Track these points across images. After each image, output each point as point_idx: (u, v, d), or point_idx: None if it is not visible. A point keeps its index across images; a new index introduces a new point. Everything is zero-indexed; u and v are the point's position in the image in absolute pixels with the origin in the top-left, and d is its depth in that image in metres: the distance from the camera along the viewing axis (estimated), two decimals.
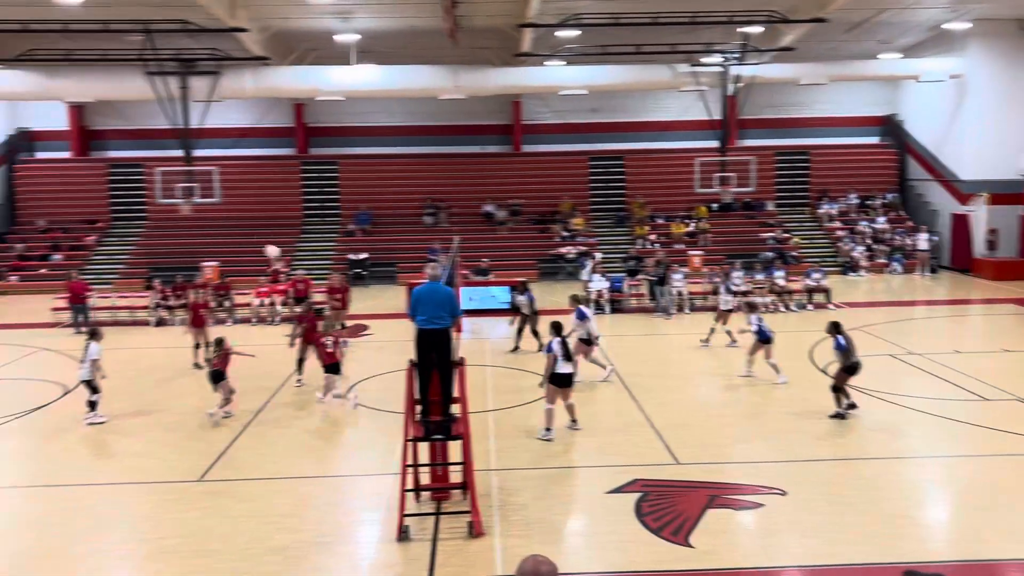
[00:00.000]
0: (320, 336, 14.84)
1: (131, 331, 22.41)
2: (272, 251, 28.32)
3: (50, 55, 25.85)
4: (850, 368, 12.91)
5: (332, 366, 14.29)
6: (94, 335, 13.95)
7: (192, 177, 26.55)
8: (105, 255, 31.71)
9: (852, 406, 13.09)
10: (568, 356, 12.15)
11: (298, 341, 15.84)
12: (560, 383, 12.13)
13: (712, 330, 18.61)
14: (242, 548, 8.80)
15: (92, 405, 13.67)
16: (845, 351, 12.92)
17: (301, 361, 15.88)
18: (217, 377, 13.87)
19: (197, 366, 17.22)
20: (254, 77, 26.93)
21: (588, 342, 15.29)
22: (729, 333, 18.47)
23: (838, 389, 13.10)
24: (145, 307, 23.69)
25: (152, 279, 25.89)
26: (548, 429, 12.27)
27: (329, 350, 14.37)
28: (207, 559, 8.57)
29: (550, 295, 26.62)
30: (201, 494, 10.41)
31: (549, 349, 12.16)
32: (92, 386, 13.59)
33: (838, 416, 12.97)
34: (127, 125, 34.06)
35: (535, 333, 18.32)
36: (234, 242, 31.69)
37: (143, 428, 13.32)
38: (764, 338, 15.48)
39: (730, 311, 18.92)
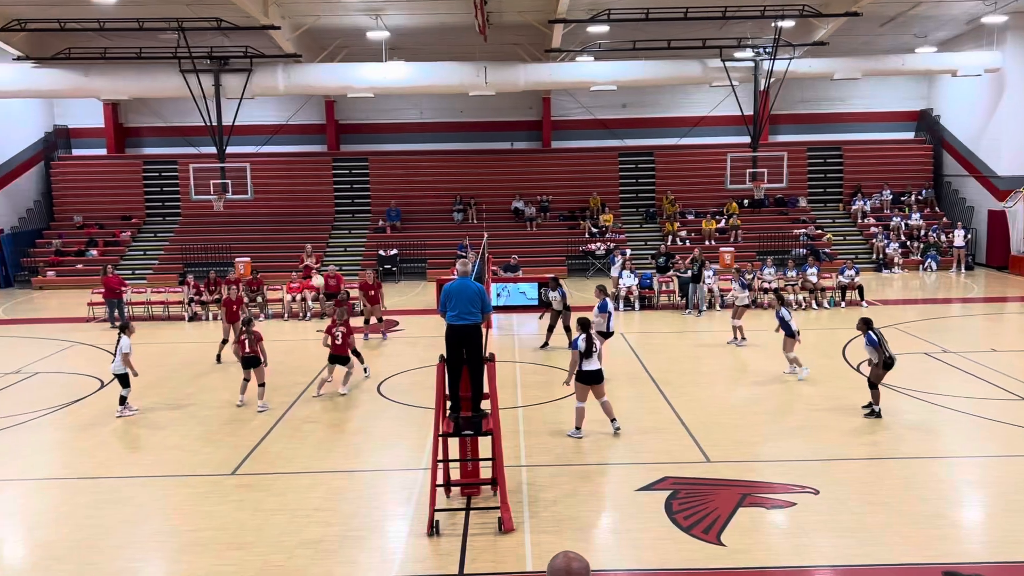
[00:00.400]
0: (332, 327, 15.00)
1: (165, 326, 22.71)
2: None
3: (86, 53, 26.25)
4: (886, 363, 12.74)
5: (339, 358, 14.71)
6: (125, 329, 14.16)
7: (225, 174, 26.82)
8: (139, 251, 32.16)
9: (876, 413, 12.89)
10: (589, 353, 11.92)
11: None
12: (587, 380, 11.99)
13: (739, 328, 18.47)
14: (274, 541, 8.89)
15: (122, 400, 13.91)
16: (877, 347, 12.77)
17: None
18: (251, 363, 14.12)
19: (219, 359, 17.62)
20: (286, 74, 27.14)
21: (604, 335, 15.25)
22: (740, 330, 18.47)
23: (874, 386, 12.94)
24: (179, 302, 23.98)
25: (185, 274, 26.21)
26: (578, 428, 12.20)
27: (338, 342, 14.67)
28: (240, 551, 8.66)
29: (580, 291, 26.61)
30: (234, 487, 10.52)
31: (574, 346, 12.05)
32: (123, 380, 13.79)
33: (872, 413, 12.83)
34: (161, 122, 34.51)
35: (567, 329, 18.30)
36: (266, 238, 31.99)
37: (177, 422, 13.49)
38: (788, 332, 15.38)
39: (746, 306, 18.87)
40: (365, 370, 16.09)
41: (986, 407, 13.26)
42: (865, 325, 13.01)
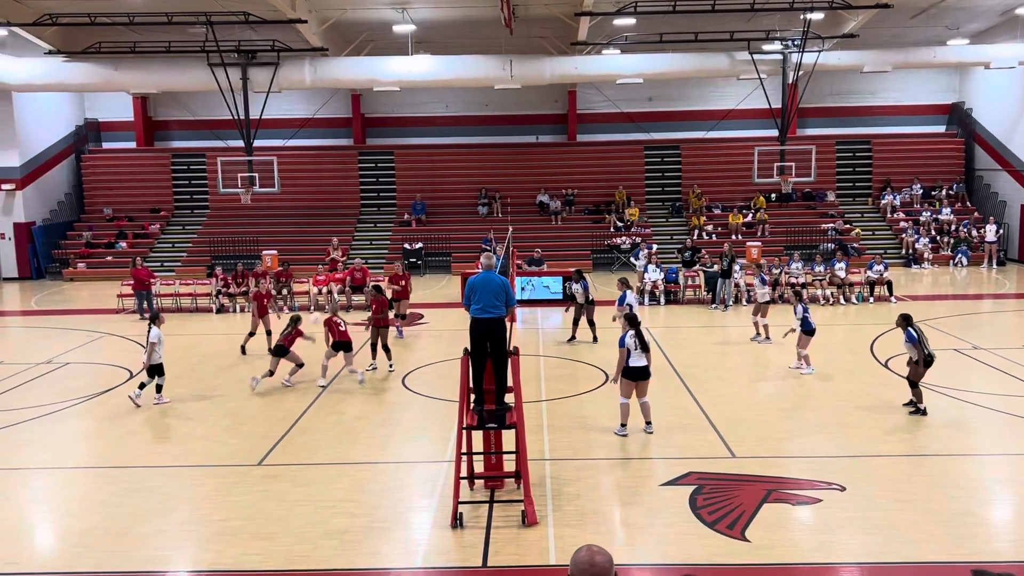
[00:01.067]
0: (334, 318, 15.40)
1: (193, 318, 22.95)
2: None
3: (116, 47, 26.56)
4: (926, 361, 12.57)
5: (343, 344, 15.13)
6: (155, 320, 14.36)
7: (252, 167, 27.03)
8: (168, 243, 32.52)
9: (921, 411, 12.71)
10: (645, 347, 11.66)
11: (369, 326, 16.55)
12: (633, 376, 11.78)
13: (764, 326, 18.29)
14: (299, 531, 8.96)
15: (159, 388, 14.19)
16: (917, 344, 12.60)
17: (374, 345, 16.37)
18: (280, 352, 14.82)
19: (243, 351, 17.82)
20: (312, 68, 27.27)
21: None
22: (766, 328, 18.19)
23: (914, 384, 12.78)
24: (207, 294, 24.22)
25: (213, 267, 26.45)
26: (623, 425, 11.96)
27: (342, 329, 15.17)
28: (265, 541, 8.74)
29: (604, 285, 26.55)
30: (260, 477, 10.62)
31: (622, 343, 11.72)
32: (152, 369, 14.01)
33: (917, 411, 12.65)
34: (190, 116, 34.83)
35: (591, 323, 18.26)
36: (293, 231, 32.21)
37: (205, 412, 13.64)
38: (807, 328, 15.22)
39: (768, 303, 18.67)
40: (372, 366, 16.23)
41: (1017, 404, 13.07)
42: (904, 321, 12.84)
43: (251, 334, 18.04)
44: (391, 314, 17.60)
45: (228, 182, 27.22)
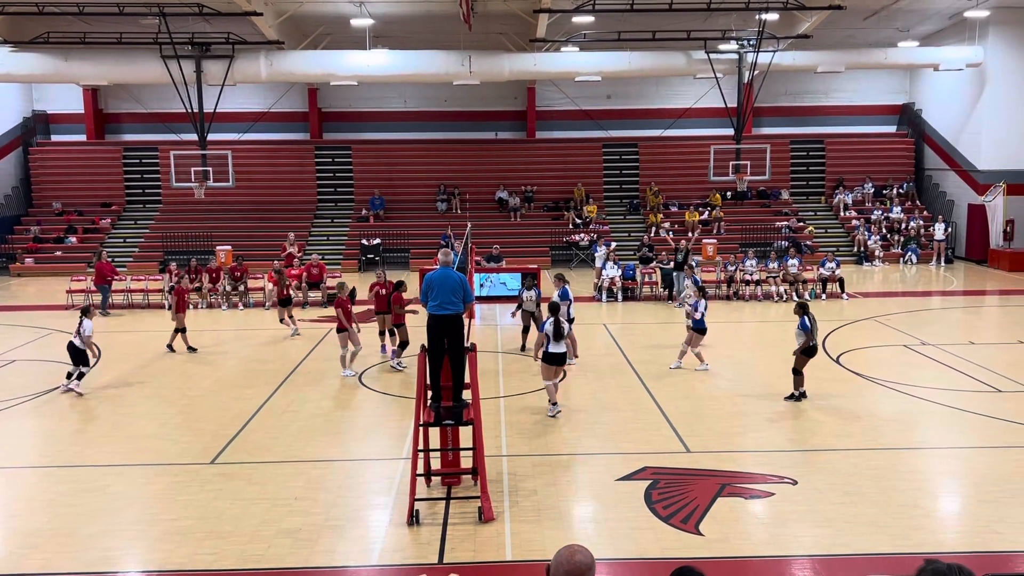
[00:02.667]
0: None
1: (145, 314, 22.54)
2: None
3: (66, 38, 25.95)
4: (808, 351, 13.15)
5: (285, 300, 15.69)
6: (86, 312, 14.65)
7: (206, 161, 26.63)
8: (119, 238, 31.90)
9: (802, 395, 13.35)
10: (559, 335, 12.44)
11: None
12: (553, 362, 12.60)
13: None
14: (253, 530, 8.86)
15: (69, 375, 14.36)
16: (807, 332, 13.09)
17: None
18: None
19: (171, 348, 17.50)
20: (268, 61, 26.94)
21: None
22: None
23: (797, 372, 13.34)
24: (159, 290, 23.81)
25: (166, 262, 26.02)
26: (554, 403, 12.66)
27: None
28: (218, 540, 8.63)
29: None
30: (213, 476, 10.47)
31: (541, 328, 12.55)
32: (78, 357, 14.21)
33: (792, 398, 13.30)
34: (142, 109, 34.17)
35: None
36: (248, 226, 31.80)
37: (156, 410, 13.41)
38: (698, 327, 15.40)
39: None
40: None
41: (963, 399, 13.39)
42: (801, 310, 13.36)
43: (181, 331, 17.68)
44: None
45: (181, 176, 26.78)
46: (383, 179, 33.80)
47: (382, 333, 17.00)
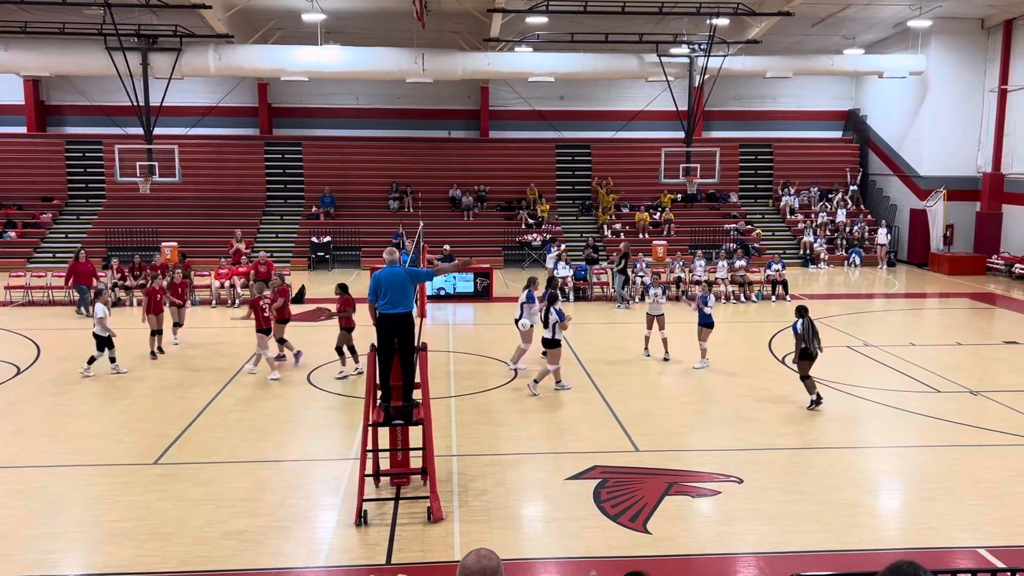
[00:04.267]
0: (259, 300, 15.20)
1: None
2: None
3: (6, 27, 25.23)
4: (802, 354, 13.03)
5: (265, 329, 15.10)
6: (99, 295, 15.49)
7: (152, 155, 26.10)
8: (61, 233, 31.08)
9: (818, 400, 13.13)
10: (544, 322, 13.91)
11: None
12: (550, 346, 13.95)
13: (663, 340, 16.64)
14: (197, 531, 8.71)
15: (112, 360, 15.05)
16: (798, 336, 13.04)
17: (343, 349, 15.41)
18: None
19: (154, 355, 16.60)
20: (217, 55, 26.51)
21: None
22: (664, 341, 16.60)
23: (804, 378, 13.16)
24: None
25: (110, 258, 25.44)
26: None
27: (266, 315, 15.10)
28: (161, 542, 8.46)
29: (517, 282, 26.69)
30: (157, 477, 10.26)
31: (530, 298, 14.99)
32: (101, 342, 14.93)
33: (814, 404, 13.03)
34: (85, 101, 33.37)
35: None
36: (194, 222, 31.23)
37: (98, 409, 13.10)
38: (706, 322, 15.76)
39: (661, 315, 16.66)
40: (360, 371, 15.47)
41: (904, 399, 13.73)
42: (798, 313, 13.19)
43: (154, 333, 16.93)
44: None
45: (126, 171, 26.24)
46: (334, 176, 33.48)
47: (280, 341, 16.13)
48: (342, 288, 15.37)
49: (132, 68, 25.21)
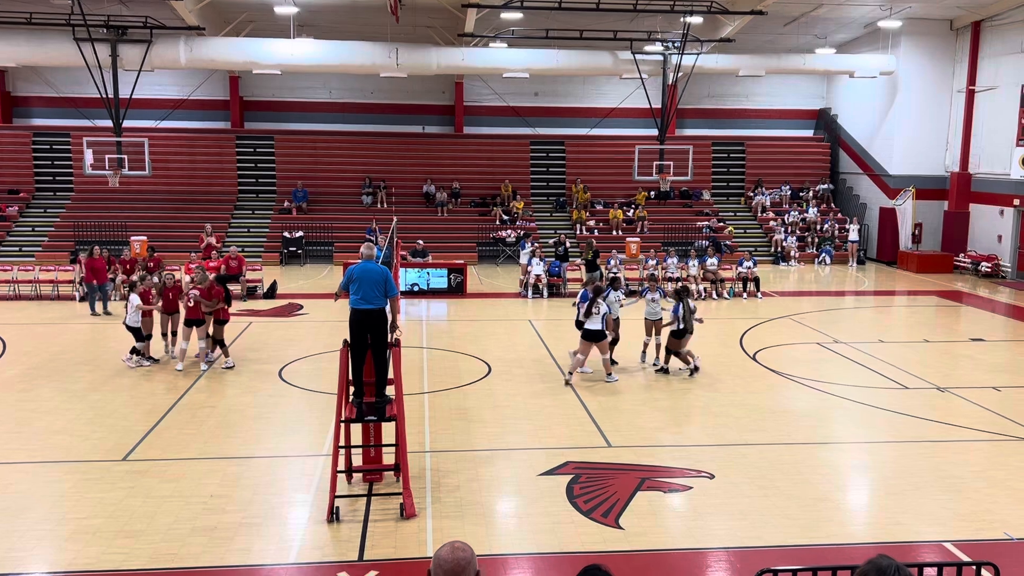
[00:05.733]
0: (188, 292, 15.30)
1: (53, 306, 21.68)
2: None
3: None
4: (678, 333, 14.74)
5: (195, 320, 15.07)
6: (133, 288, 15.69)
7: (121, 148, 25.76)
8: (27, 227, 30.58)
9: (696, 369, 14.88)
10: (589, 312, 14.12)
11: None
12: (589, 337, 14.24)
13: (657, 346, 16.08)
14: (166, 528, 8.62)
15: (134, 350, 15.16)
16: (676, 316, 14.57)
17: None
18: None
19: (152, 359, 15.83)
20: (188, 47, 26.19)
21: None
22: (658, 348, 15.94)
23: (670, 352, 14.97)
24: (69, 281, 22.94)
25: (77, 252, 25.07)
26: (577, 371, 14.70)
27: (191, 305, 15.06)
28: (129, 539, 8.36)
29: (489, 278, 26.70)
30: (125, 473, 10.14)
31: (583, 298, 14.53)
32: (136, 333, 15.12)
33: (662, 371, 15.04)
34: (53, 92, 32.83)
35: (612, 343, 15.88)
36: (164, 216, 30.88)
37: (65, 405, 12.91)
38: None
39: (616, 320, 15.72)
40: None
41: (872, 395, 13.89)
42: (677, 295, 14.86)
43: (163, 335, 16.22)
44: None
45: (95, 164, 25.85)
46: (307, 171, 33.24)
47: (164, 335, 16.02)
48: (219, 279, 15.88)
49: (101, 60, 24.86)
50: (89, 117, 31.81)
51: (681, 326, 14.72)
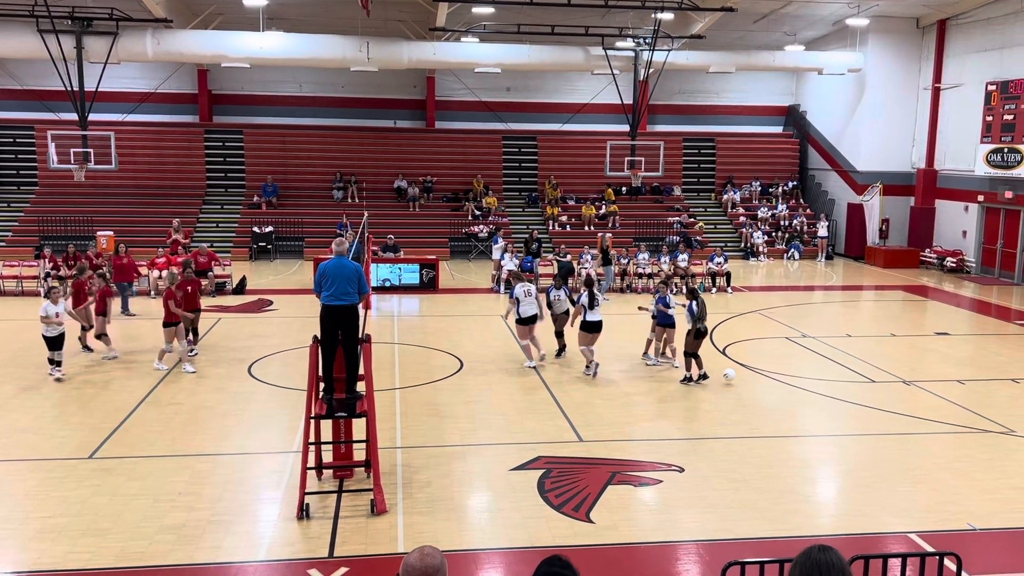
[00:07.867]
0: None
1: (17, 302, 21.33)
2: None
3: None
4: (697, 333, 14.02)
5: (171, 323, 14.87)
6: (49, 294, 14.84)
7: (87, 142, 25.37)
8: None
9: (702, 377, 14.14)
10: (592, 305, 14.60)
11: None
12: (589, 329, 14.59)
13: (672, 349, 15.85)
14: (134, 527, 8.52)
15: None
16: (693, 317, 14.03)
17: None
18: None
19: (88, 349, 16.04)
20: (155, 40, 25.82)
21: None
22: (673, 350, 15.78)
23: (689, 355, 14.09)
24: (33, 277, 22.58)
25: (42, 247, 24.69)
26: (588, 364, 14.69)
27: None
28: (96, 538, 8.26)
29: (462, 273, 26.67)
30: (91, 471, 10.01)
31: (577, 301, 14.87)
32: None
33: (687, 380, 14.10)
34: (16, 84, 32.22)
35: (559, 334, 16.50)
36: (131, 211, 30.47)
37: (29, 402, 12.72)
38: (664, 322, 15.72)
39: (565, 314, 16.20)
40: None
41: (840, 389, 14.07)
42: (690, 295, 14.34)
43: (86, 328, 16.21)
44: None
45: (60, 157, 25.44)
46: (276, 165, 32.95)
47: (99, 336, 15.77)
48: (170, 277, 15.78)
49: (66, 52, 24.43)
50: (54, 110, 31.27)
51: (699, 326, 13.95)
